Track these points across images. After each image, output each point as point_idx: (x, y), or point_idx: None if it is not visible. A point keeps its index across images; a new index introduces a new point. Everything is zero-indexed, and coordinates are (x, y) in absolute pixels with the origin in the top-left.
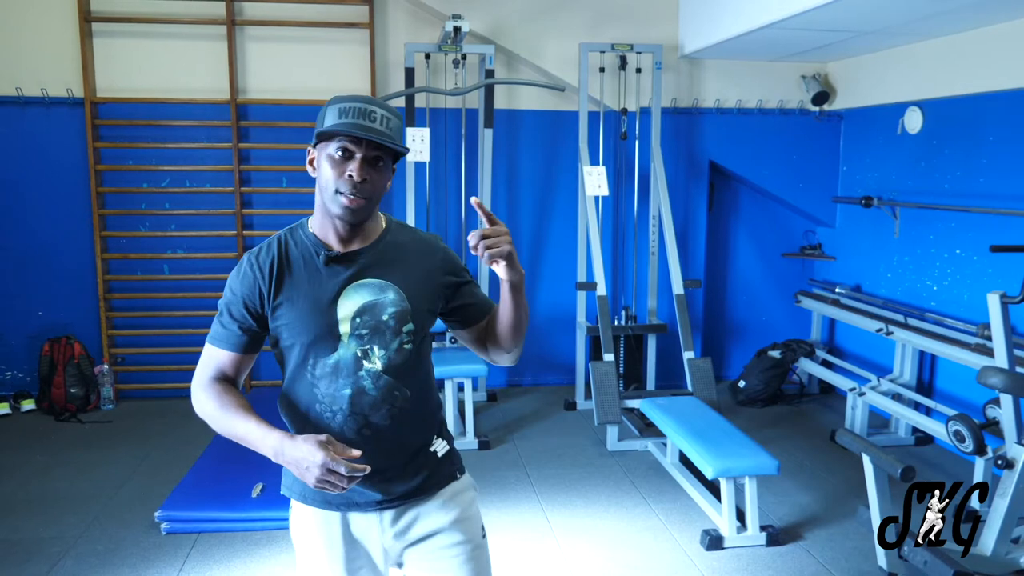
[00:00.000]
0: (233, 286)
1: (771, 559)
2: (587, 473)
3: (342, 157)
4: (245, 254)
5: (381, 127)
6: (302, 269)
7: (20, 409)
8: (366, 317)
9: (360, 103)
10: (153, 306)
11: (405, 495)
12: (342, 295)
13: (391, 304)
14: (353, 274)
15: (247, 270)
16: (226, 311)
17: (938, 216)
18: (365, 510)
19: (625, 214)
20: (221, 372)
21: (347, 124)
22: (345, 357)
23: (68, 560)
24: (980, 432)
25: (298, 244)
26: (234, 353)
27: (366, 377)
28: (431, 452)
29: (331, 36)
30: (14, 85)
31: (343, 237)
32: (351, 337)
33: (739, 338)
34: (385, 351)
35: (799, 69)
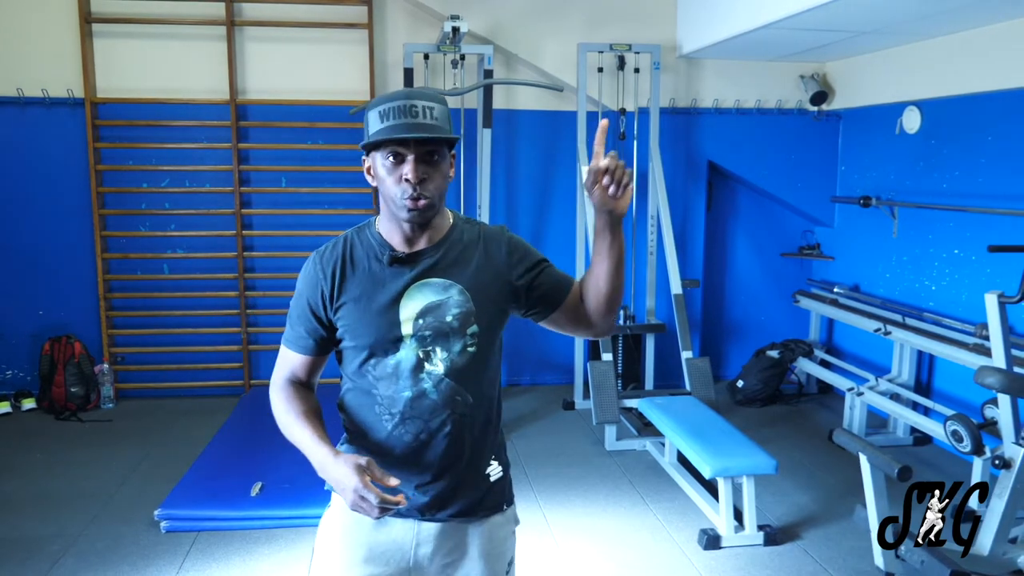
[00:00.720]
0: (300, 286)
1: (769, 558)
2: (585, 472)
3: (394, 162)
4: (313, 253)
5: (424, 119)
6: (366, 269)
7: (21, 408)
8: (429, 318)
9: (399, 100)
10: (153, 305)
11: (448, 513)
12: (405, 295)
13: (455, 304)
14: (417, 274)
15: (311, 270)
16: (294, 313)
17: (936, 216)
18: (406, 517)
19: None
20: (293, 374)
21: (389, 128)
22: (406, 359)
23: (68, 558)
24: (978, 432)
25: (363, 244)
26: (304, 356)
27: (427, 380)
28: (485, 475)
29: (330, 37)
30: (15, 86)
31: (409, 237)
32: (413, 338)
33: (737, 338)
34: (448, 353)
35: (797, 69)
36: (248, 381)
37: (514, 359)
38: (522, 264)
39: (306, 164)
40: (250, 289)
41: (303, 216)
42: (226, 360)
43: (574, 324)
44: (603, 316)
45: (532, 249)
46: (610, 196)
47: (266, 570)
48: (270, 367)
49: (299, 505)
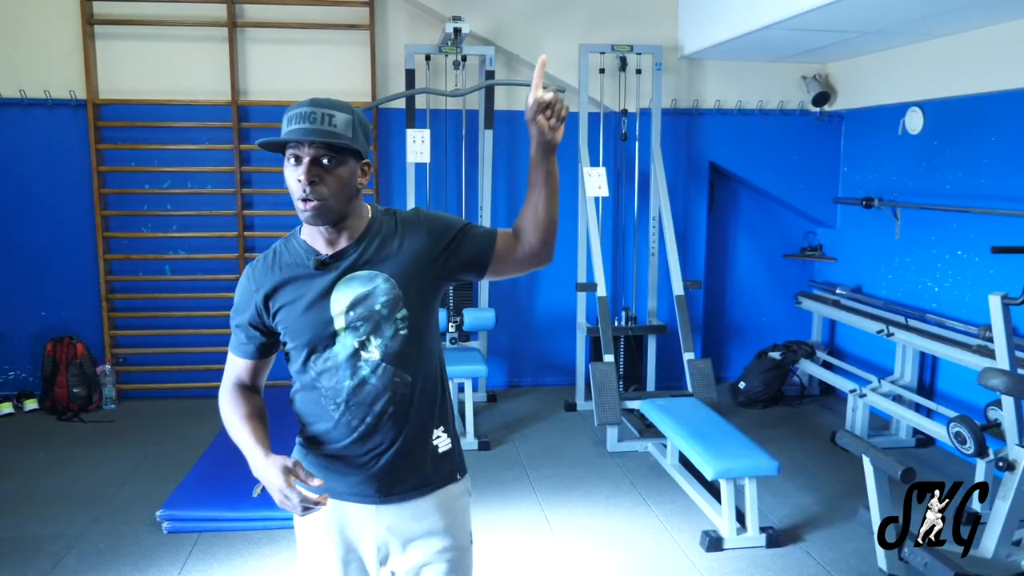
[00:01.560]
0: (237, 298)
1: (771, 560)
2: (587, 474)
3: (293, 164)
4: (247, 265)
5: (322, 125)
6: (295, 275)
7: (23, 408)
8: (359, 309)
9: (303, 107)
10: (155, 306)
11: (403, 490)
12: (333, 291)
13: (382, 293)
14: (342, 271)
15: (244, 282)
16: (235, 321)
17: (939, 217)
18: (363, 501)
19: (625, 215)
20: (239, 378)
21: (286, 131)
22: (343, 350)
23: (70, 558)
24: (981, 434)
25: (291, 252)
26: (246, 360)
27: (365, 367)
28: (432, 445)
29: (332, 38)
30: (17, 87)
31: (328, 239)
32: (347, 330)
33: (739, 339)
34: (381, 339)
35: (799, 70)
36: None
37: (515, 360)
38: (443, 239)
39: None
40: None
41: None
42: None
43: (514, 265)
44: (544, 243)
45: (448, 219)
46: (549, 127)
47: (268, 571)
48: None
49: None
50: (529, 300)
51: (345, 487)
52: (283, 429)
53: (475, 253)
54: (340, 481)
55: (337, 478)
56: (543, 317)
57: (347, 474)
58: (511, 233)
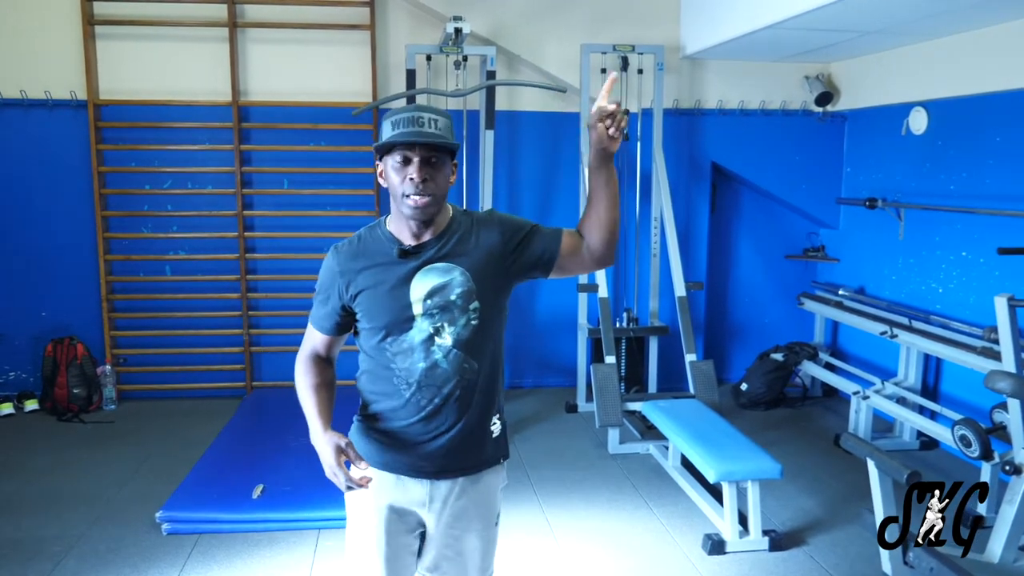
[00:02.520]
0: (321, 275)
1: (774, 564)
2: (588, 475)
3: (402, 164)
4: (332, 247)
5: (430, 129)
6: (378, 262)
7: (23, 409)
8: (436, 298)
9: (408, 112)
10: (155, 307)
11: (459, 468)
12: (413, 280)
13: (458, 285)
14: (423, 262)
15: (330, 262)
16: (318, 297)
17: (943, 218)
18: (419, 477)
19: (627, 216)
20: (315, 349)
21: (399, 134)
22: (419, 335)
23: (70, 560)
24: (987, 437)
25: (375, 240)
26: (324, 335)
27: (438, 352)
28: (489, 430)
29: (332, 38)
30: (18, 87)
31: (415, 233)
32: (423, 316)
33: (741, 340)
34: (455, 327)
35: (802, 69)
36: (250, 383)
37: (517, 361)
38: (514, 238)
39: (308, 166)
40: (252, 291)
41: (305, 218)
42: (228, 362)
43: (578, 265)
44: (607, 244)
45: (518, 220)
46: (609, 136)
47: (268, 573)
48: (272, 369)
49: (301, 508)
50: (530, 301)
51: (403, 462)
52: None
53: (541, 251)
54: (399, 456)
55: (396, 453)
56: (544, 318)
57: (407, 450)
58: (576, 233)
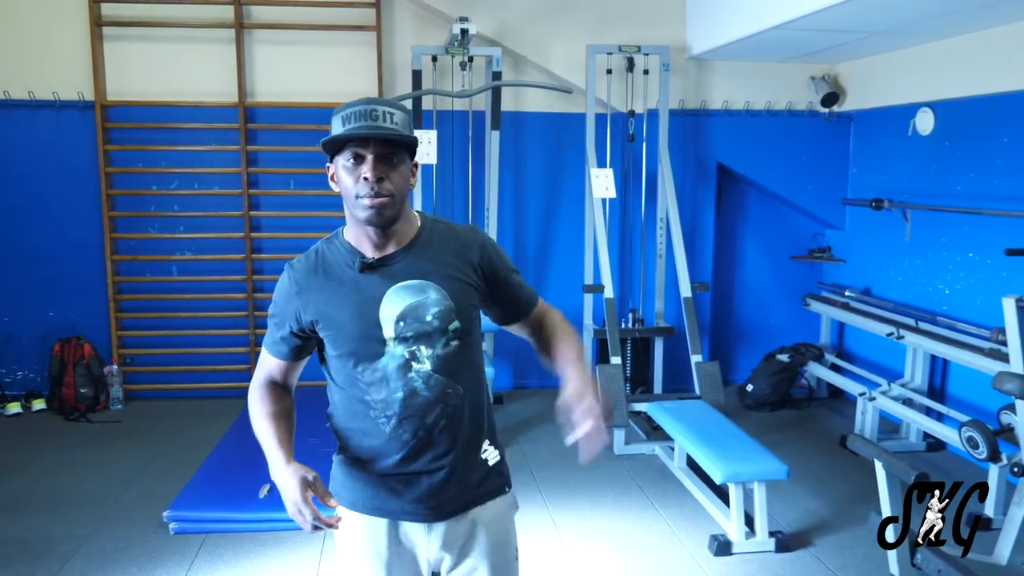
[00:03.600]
0: (276, 296)
1: (780, 565)
2: (593, 476)
3: (354, 163)
4: (286, 265)
5: (385, 123)
6: (339, 279)
7: (31, 408)
8: (409, 320)
9: (360, 106)
10: (162, 307)
11: (455, 506)
12: (383, 301)
13: (433, 304)
14: (391, 278)
15: (286, 283)
16: (272, 320)
17: (950, 218)
18: (415, 519)
19: (632, 216)
20: (271, 376)
21: (349, 129)
22: (393, 361)
23: (78, 559)
24: (994, 438)
25: (334, 254)
26: (280, 360)
27: (417, 379)
28: (482, 459)
29: (338, 39)
30: (26, 89)
31: (376, 243)
32: (396, 341)
33: (747, 341)
34: (432, 350)
35: (808, 70)
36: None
37: (521, 362)
38: (495, 269)
39: (315, 166)
40: (258, 291)
41: (312, 218)
42: (234, 362)
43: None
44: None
45: (504, 254)
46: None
47: (274, 572)
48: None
49: None
50: None
51: (395, 506)
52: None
53: (514, 304)
54: (389, 499)
55: (388, 497)
56: None
57: (399, 493)
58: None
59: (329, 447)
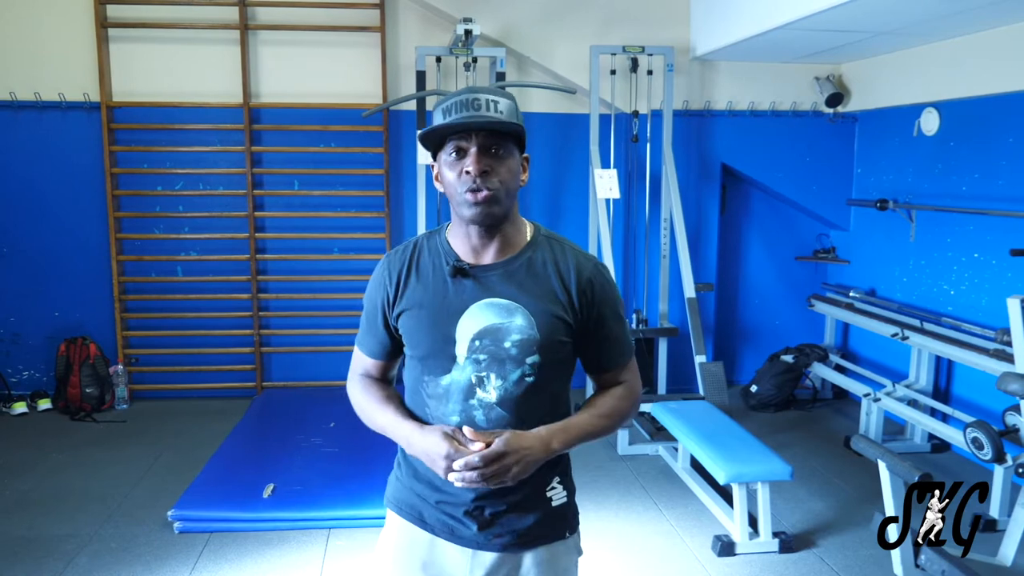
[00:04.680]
0: (369, 288)
1: (784, 566)
2: (597, 476)
3: (456, 157)
4: (384, 255)
5: (489, 112)
6: (430, 278)
7: (37, 408)
8: (486, 341)
9: (461, 95)
10: (167, 307)
11: (505, 540)
12: (465, 313)
13: (516, 331)
14: (481, 290)
15: (379, 273)
16: (364, 316)
17: (955, 219)
18: (461, 543)
19: (636, 217)
20: (367, 371)
21: (454, 119)
22: (458, 381)
23: (83, 557)
24: (999, 439)
25: (431, 250)
26: (372, 359)
27: (478, 407)
28: (546, 498)
29: (343, 40)
30: (32, 90)
31: (476, 246)
32: (468, 360)
33: (751, 342)
34: (503, 381)
35: (813, 70)
36: (260, 383)
37: None
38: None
39: (319, 167)
40: (263, 291)
41: (316, 219)
42: (239, 362)
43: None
44: None
45: (616, 300)
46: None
47: (278, 572)
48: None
49: (311, 507)
50: None
51: (442, 522)
52: None
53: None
54: (435, 514)
55: (433, 509)
56: None
57: (447, 508)
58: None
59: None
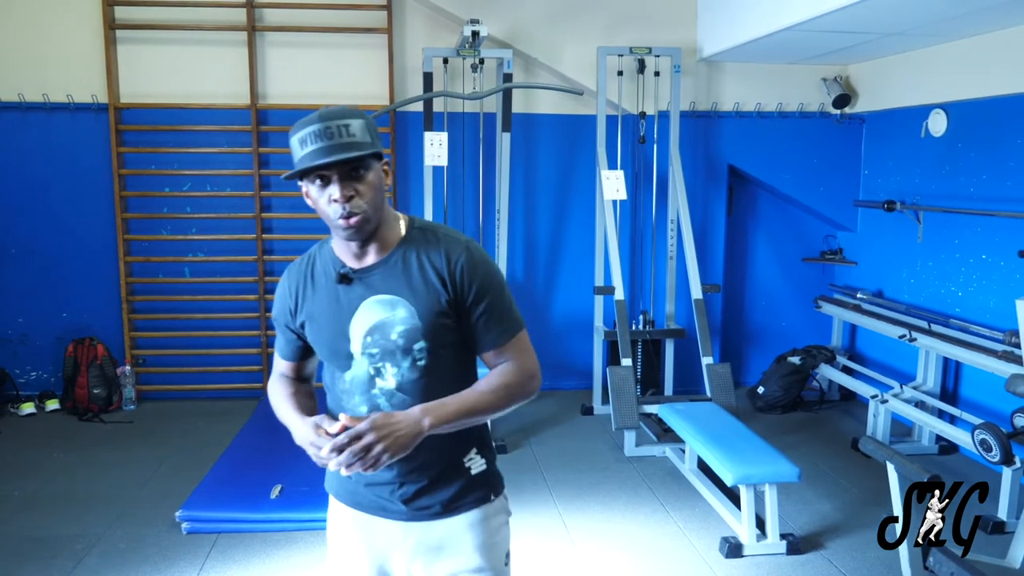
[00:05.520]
0: (276, 299)
1: (791, 568)
2: (604, 478)
3: (321, 185)
4: (287, 267)
5: (341, 138)
6: (323, 286)
7: (45, 409)
8: (376, 336)
9: (313, 124)
10: (174, 308)
11: (433, 511)
12: (356, 313)
13: (400, 322)
14: (366, 290)
15: (282, 285)
16: (275, 322)
17: (963, 220)
18: (392, 517)
19: (643, 218)
20: (283, 374)
21: (308, 154)
22: (358, 375)
23: (91, 558)
24: (1008, 442)
25: (322, 260)
26: (285, 361)
27: (380, 396)
28: (465, 467)
29: (350, 41)
30: (41, 91)
31: (357, 253)
32: (363, 355)
33: (758, 343)
34: (398, 369)
35: (820, 72)
36: (267, 383)
37: None
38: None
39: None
40: (270, 292)
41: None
42: (246, 363)
43: None
44: None
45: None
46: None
47: (286, 572)
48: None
49: (319, 508)
50: (546, 303)
51: (372, 500)
52: None
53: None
54: (367, 493)
55: (364, 490)
56: (560, 320)
57: (374, 487)
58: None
59: None
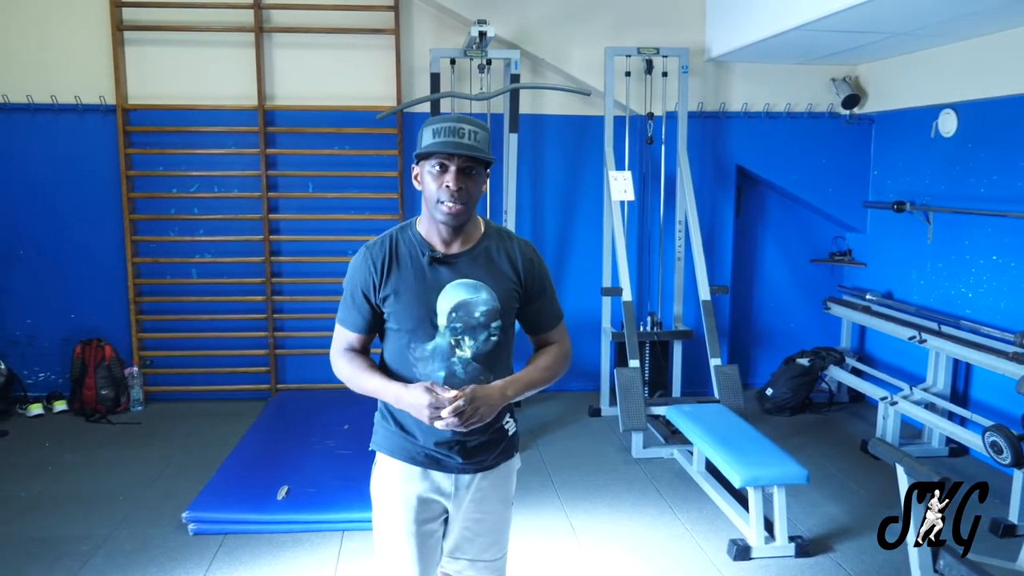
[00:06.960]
0: (350, 274)
1: (800, 570)
2: (611, 480)
3: (439, 171)
4: (363, 245)
5: (469, 141)
6: (408, 265)
7: (52, 410)
8: (460, 313)
9: (450, 122)
10: (182, 309)
11: (480, 464)
12: (442, 292)
13: (483, 303)
14: (453, 273)
15: (361, 261)
16: (348, 296)
17: (973, 221)
18: (446, 471)
19: (651, 219)
20: (350, 345)
21: (440, 143)
22: (440, 345)
23: (97, 558)
24: (1018, 443)
25: (406, 242)
26: (357, 333)
27: (458, 363)
28: (504, 429)
29: (357, 42)
30: (49, 93)
31: (445, 239)
32: (447, 328)
33: (767, 345)
34: (475, 342)
35: (829, 72)
36: (275, 385)
37: None
38: (533, 283)
39: (333, 169)
40: (277, 294)
41: (330, 221)
42: (253, 364)
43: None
44: None
45: (547, 276)
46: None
47: (292, 574)
48: (297, 371)
49: (325, 509)
50: None
51: (431, 457)
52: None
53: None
54: (425, 451)
55: (422, 448)
56: (567, 321)
57: (431, 444)
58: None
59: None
